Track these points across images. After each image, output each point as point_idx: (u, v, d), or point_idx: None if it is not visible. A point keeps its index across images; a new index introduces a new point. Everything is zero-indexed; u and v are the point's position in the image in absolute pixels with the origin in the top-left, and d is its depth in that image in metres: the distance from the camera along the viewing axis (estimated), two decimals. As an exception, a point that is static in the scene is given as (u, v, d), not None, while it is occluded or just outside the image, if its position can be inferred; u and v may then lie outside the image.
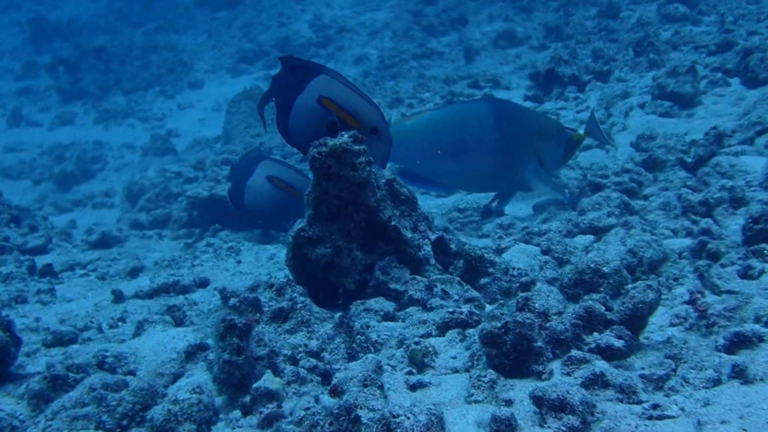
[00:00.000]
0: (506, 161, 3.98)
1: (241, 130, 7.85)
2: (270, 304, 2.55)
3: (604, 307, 2.26)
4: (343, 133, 2.65)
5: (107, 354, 2.60)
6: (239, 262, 4.34)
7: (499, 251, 3.25)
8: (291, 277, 2.78)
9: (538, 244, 3.21)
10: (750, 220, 2.79)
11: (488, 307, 2.64)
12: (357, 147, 2.64)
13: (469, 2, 11.30)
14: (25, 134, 10.87)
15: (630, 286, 2.36)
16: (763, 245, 2.71)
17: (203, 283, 3.83)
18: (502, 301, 2.67)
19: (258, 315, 2.50)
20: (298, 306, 2.51)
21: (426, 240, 2.88)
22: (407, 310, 2.60)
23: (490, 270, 2.83)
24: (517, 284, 2.77)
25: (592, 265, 2.65)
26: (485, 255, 2.84)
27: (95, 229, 5.24)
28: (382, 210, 2.77)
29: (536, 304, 2.23)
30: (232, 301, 2.55)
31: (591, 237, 3.32)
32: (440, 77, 8.26)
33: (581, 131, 4.12)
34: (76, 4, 18.56)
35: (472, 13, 10.86)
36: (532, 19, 10.01)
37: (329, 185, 2.69)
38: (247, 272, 4.01)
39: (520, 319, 2.11)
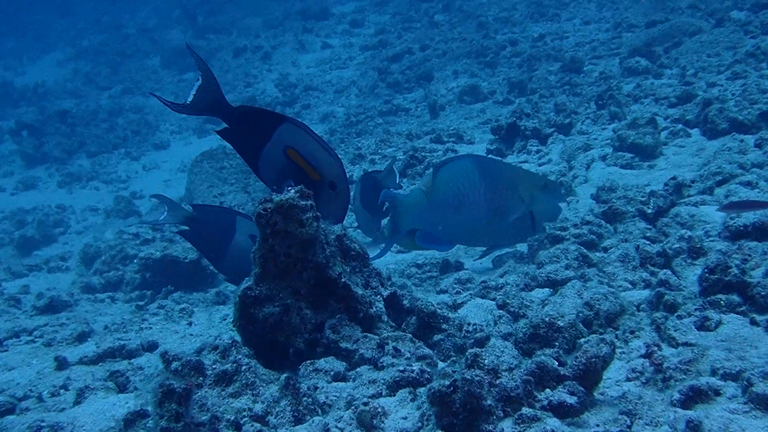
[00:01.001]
0: (496, 211, 4.08)
1: (204, 190, 7.77)
2: (214, 366, 2.43)
3: (557, 362, 2.17)
4: (289, 188, 2.58)
5: (43, 424, 2.47)
6: (190, 323, 4.21)
7: (455, 307, 3.17)
8: (238, 338, 2.68)
9: (494, 299, 3.13)
10: (706, 271, 2.73)
11: (441, 365, 2.56)
12: (304, 202, 2.57)
13: (434, 59, 11.41)
14: (-14, 200, 10.71)
15: (583, 340, 2.28)
16: (719, 296, 2.64)
17: (151, 347, 3.70)
18: (455, 358, 2.59)
19: (201, 379, 2.39)
20: (243, 368, 2.40)
21: (378, 296, 2.79)
22: (358, 369, 2.50)
23: (444, 326, 2.76)
24: (472, 340, 2.68)
25: (547, 319, 2.56)
26: (438, 311, 2.77)
27: (44, 294, 5.10)
28: (332, 266, 2.69)
29: (486, 361, 2.14)
30: (174, 364, 2.43)
31: (548, 290, 3.26)
32: (404, 133, 8.26)
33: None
34: (42, 70, 18.59)
35: (437, 69, 10.96)
36: (496, 75, 10.11)
37: (276, 242, 2.61)
38: (197, 334, 3.88)
39: (468, 377, 2.02)
